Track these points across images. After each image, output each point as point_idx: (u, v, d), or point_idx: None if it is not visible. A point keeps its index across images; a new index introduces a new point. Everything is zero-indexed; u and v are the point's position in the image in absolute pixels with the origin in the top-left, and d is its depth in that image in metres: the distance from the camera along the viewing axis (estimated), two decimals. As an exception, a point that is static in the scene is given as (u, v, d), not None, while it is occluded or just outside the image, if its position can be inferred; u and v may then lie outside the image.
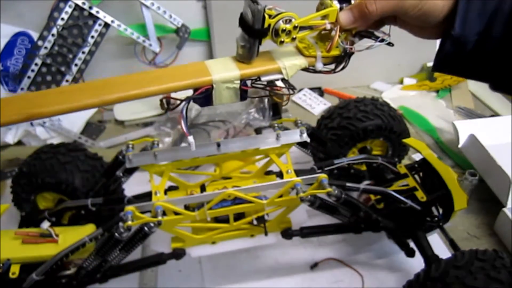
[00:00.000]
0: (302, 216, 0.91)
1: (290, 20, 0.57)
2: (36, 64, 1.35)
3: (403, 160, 1.20)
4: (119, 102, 0.59)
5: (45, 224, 0.87)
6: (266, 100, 1.46)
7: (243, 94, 0.63)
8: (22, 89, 1.38)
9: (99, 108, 1.61)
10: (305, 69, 0.65)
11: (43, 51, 1.34)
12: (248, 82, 0.63)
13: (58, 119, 1.47)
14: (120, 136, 1.49)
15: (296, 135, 0.85)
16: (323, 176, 0.78)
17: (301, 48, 0.65)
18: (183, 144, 1.37)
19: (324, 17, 0.61)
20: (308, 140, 0.86)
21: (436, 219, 0.91)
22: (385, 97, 1.69)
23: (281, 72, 0.63)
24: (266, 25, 0.57)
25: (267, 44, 0.61)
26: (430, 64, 1.75)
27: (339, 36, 0.61)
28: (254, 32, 0.57)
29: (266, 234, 0.86)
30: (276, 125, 0.89)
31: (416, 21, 0.53)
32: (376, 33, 0.64)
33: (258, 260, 1.04)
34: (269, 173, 0.92)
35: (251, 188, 0.79)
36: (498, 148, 1.18)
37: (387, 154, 1.15)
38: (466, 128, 1.31)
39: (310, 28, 0.61)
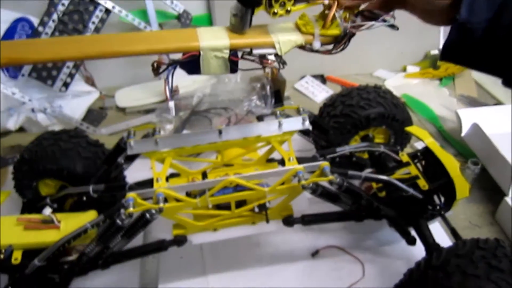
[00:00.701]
0: (304, 203, 0.91)
1: None
2: (36, 50, 1.34)
3: (406, 148, 1.19)
4: (102, 58, 0.57)
5: (47, 211, 0.87)
6: (268, 87, 1.45)
7: (233, 66, 0.61)
8: (23, 75, 1.38)
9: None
10: (302, 47, 0.63)
11: (43, 37, 1.33)
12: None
13: (60, 106, 1.47)
14: (121, 123, 1.49)
15: (298, 123, 0.84)
16: (325, 164, 0.78)
17: (300, 25, 0.63)
18: (185, 131, 1.36)
19: None
20: (310, 127, 0.85)
21: (437, 207, 0.91)
22: (388, 85, 1.68)
23: (274, 47, 0.61)
24: None
25: (266, 19, 0.59)
26: (434, 52, 1.74)
27: (339, 15, 0.59)
28: (246, 0, 0.55)
29: (267, 221, 0.86)
30: (278, 112, 0.88)
31: (425, 4, 0.51)
32: (378, 12, 0.61)
33: (260, 247, 1.04)
34: (271, 160, 0.92)
35: (253, 176, 0.79)
36: (501, 137, 1.18)
37: (389, 143, 1.15)
38: (469, 117, 1.30)
39: (307, 1, 0.59)
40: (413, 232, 0.93)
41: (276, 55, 0.62)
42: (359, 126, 1.07)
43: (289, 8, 0.58)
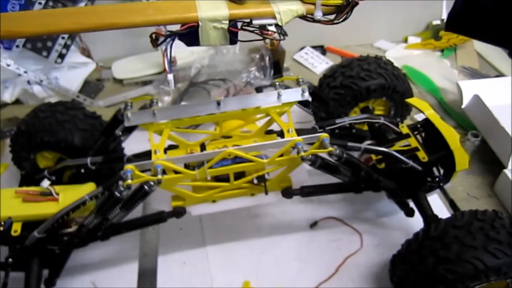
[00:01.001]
0: (303, 175, 0.91)
1: None
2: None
3: (406, 120, 1.19)
4: (100, 30, 0.56)
5: (45, 183, 0.87)
6: (267, 58, 1.43)
7: (232, 37, 0.60)
8: (17, 46, 1.35)
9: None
10: (303, 17, 0.62)
11: (37, 7, 1.29)
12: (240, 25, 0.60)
13: (56, 78, 1.45)
14: (119, 95, 1.47)
15: (297, 94, 0.83)
16: (325, 135, 0.77)
17: None
18: (183, 103, 1.35)
19: None
20: (310, 99, 0.84)
21: (437, 179, 0.91)
22: (388, 56, 1.66)
23: (275, 17, 0.60)
24: None
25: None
26: (436, 22, 1.71)
27: None
28: None
29: (266, 193, 0.86)
30: (277, 83, 0.87)
31: None
32: None
33: (258, 218, 1.05)
34: (269, 132, 0.91)
35: (252, 147, 0.78)
36: (502, 109, 1.17)
37: (390, 114, 1.14)
38: (470, 89, 1.29)
39: None
40: (411, 204, 0.93)
41: (276, 25, 0.60)
42: (359, 98, 1.06)
43: None
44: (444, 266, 0.71)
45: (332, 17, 0.63)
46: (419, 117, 1.29)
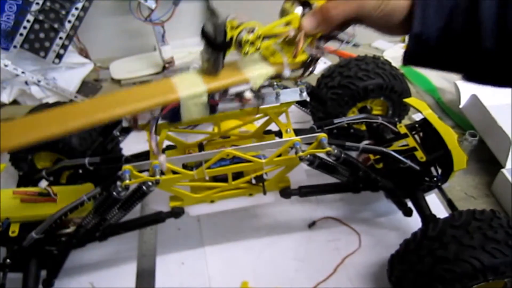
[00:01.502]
0: (301, 175, 0.91)
1: (253, 30, 0.56)
2: (28, 21, 1.31)
3: (404, 120, 1.19)
4: (87, 128, 0.56)
5: (43, 183, 0.87)
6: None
7: (212, 109, 0.62)
8: (15, 46, 1.35)
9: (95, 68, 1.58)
10: (273, 77, 0.64)
11: (35, 7, 1.30)
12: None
13: (53, 78, 1.45)
14: (117, 95, 1.47)
15: (295, 94, 0.83)
16: (323, 135, 0.77)
17: (267, 55, 0.63)
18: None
19: (287, 23, 0.59)
20: (308, 99, 0.84)
21: (435, 179, 0.91)
22: (386, 55, 1.66)
23: (249, 83, 0.62)
24: (228, 37, 0.55)
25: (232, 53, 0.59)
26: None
27: (304, 42, 0.59)
28: (217, 45, 0.55)
29: (264, 193, 0.86)
30: (275, 83, 0.87)
31: (380, 21, 0.53)
32: (341, 35, 0.63)
33: (257, 218, 1.05)
34: (268, 132, 0.91)
35: (250, 147, 0.78)
36: (500, 108, 1.17)
37: (388, 114, 1.14)
38: (468, 88, 1.29)
39: (274, 36, 0.59)
40: (409, 204, 0.93)
41: (251, 90, 0.63)
42: (357, 98, 1.06)
43: (258, 46, 0.57)
44: (442, 266, 0.71)
45: (299, 72, 0.65)
46: (417, 117, 1.29)
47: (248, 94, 0.62)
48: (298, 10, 0.58)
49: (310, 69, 0.64)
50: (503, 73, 0.50)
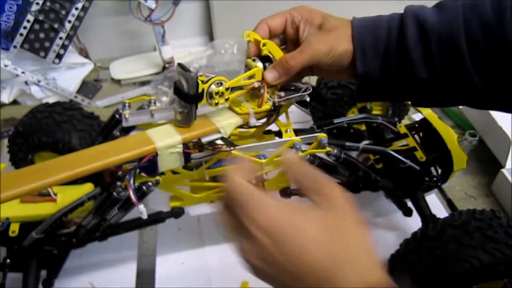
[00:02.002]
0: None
1: (221, 83, 0.62)
2: (28, 21, 1.31)
3: (403, 120, 1.19)
4: (67, 181, 0.58)
5: (43, 183, 0.86)
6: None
7: (187, 158, 0.66)
8: (15, 46, 1.35)
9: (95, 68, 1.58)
10: (241, 126, 0.69)
11: (34, 7, 1.30)
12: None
13: (53, 78, 1.45)
14: (116, 95, 1.47)
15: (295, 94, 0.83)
16: (323, 135, 0.77)
17: (234, 107, 0.68)
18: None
19: (251, 76, 0.65)
20: (308, 99, 0.84)
21: (434, 179, 0.91)
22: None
23: (219, 132, 0.66)
24: (200, 90, 0.60)
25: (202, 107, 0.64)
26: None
27: (267, 92, 0.66)
28: (190, 97, 0.60)
29: (264, 193, 0.86)
30: (275, 83, 0.87)
31: (331, 67, 0.59)
32: (298, 85, 0.70)
33: (257, 219, 1.04)
34: (268, 132, 0.91)
35: (250, 147, 0.78)
36: (499, 108, 1.17)
37: (387, 114, 1.14)
38: (467, 88, 1.29)
39: (241, 88, 0.65)
40: (409, 204, 0.93)
41: (222, 138, 0.67)
42: (356, 98, 1.06)
43: (227, 97, 0.63)
44: (442, 266, 0.71)
45: (264, 120, 0.71)
46: (417, 117, 1.29)
47: (219, 141, 0.67)
48: (260, 64, 0.64)
49: (273, 117, 0.71)
50: (442, 96, 0.56)
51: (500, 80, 0.52)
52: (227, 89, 0.63)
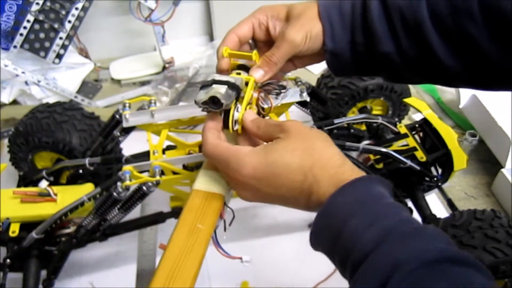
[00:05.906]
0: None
1: (238, 109, 0.57)
2: (28, 21, 1.31)
3: (403, 120, 1.19)
4: None
5: (44, 184, 0.87)
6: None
7: None
8: (15, 46, 1.35)
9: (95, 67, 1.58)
10: None
11: (34, 7, 1.30)
12: None
13: (54, 78, 1.45)
14: (116, 95, 1.47)
15: (296, 94, 0.83)
16: (323, 135, 0.77)
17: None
18: (181, 103, 1.35)
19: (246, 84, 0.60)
20: (308, 99, 0.84)
21: (435, 179, 0.91)
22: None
23: None
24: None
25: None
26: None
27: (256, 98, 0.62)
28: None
29: (265, 193, 0.86)
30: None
31: (309, 51, 0.58)
32: (280, 84, 0.66)
33: (257, 218, 1.05)
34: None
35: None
36: (499, 109, 1.17)
37: (387, 114, 1.14)
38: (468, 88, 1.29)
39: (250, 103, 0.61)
40: (410, 204, 0.93)
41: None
42: (357, 98, 1.06)
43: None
44: (442, 266, 0.71)
45: None
46: (417, 117, 1.29)
47: None
48: (245, 74, 0.61)
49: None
50: (411, 71, 0.56)
51: (466, 54, 0.52)
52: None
